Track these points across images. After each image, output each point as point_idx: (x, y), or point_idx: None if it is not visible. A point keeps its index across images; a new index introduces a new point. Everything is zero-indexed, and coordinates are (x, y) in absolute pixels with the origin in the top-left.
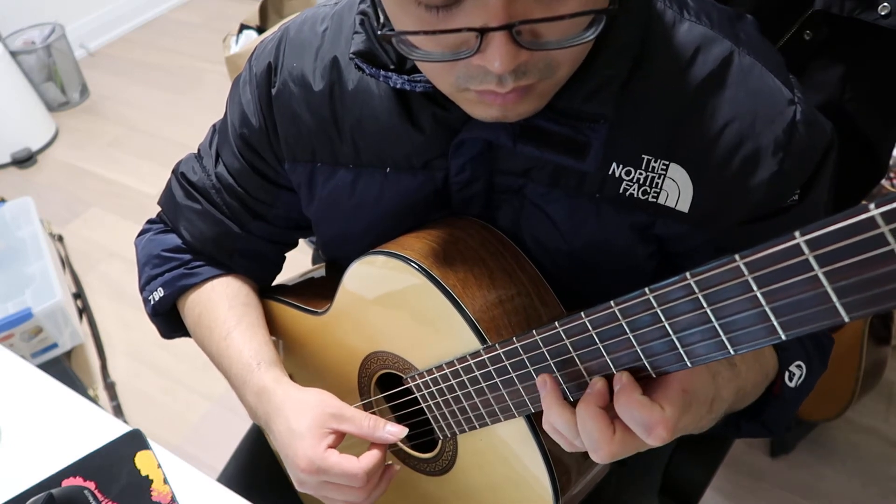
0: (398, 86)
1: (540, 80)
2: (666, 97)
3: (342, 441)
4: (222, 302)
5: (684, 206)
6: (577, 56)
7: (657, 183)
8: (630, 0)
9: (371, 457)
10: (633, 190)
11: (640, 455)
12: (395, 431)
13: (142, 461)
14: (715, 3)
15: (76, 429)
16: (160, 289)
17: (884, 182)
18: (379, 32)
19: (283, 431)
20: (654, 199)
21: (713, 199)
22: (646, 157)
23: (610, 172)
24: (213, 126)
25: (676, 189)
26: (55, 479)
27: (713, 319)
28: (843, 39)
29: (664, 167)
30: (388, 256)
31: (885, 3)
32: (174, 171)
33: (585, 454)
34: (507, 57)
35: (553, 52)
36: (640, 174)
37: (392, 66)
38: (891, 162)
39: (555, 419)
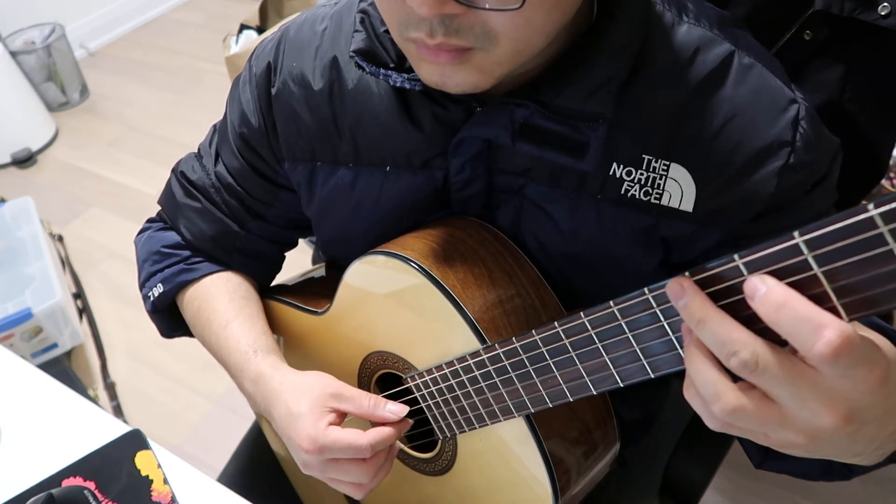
0: (398, 84)
1: (477, 50)
2: (666, 97)
3: (343, 421)
4: (222, 296)
5: (688, 205)
6: (519, 34)
7: (659, 183)
8: (629, 1)
9: (378, 431)
10: (635, 191)
11: (640, 455)
12: (395, 409)
13: (142, 461)
14: (714, 7)
15: (76, 429)
16: (160, 285)
17: (884, 182)
18: None
19: (283, 415)
20: (657, 201)
21: (718, 197)
22: (646, 157)
23: (611, 173)
24: (214, 126)
25: (679, 189)
26: (55, 479)
27: None
28: (844, 39)
29: (665, 167)
30: (387, 256)
31: (885, 3)
32: (174, 170)
33: (585, 453)
34: None
35: (490, 21)
36: (642, 174)
37: (392, 65)
38: (891, 162)
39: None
